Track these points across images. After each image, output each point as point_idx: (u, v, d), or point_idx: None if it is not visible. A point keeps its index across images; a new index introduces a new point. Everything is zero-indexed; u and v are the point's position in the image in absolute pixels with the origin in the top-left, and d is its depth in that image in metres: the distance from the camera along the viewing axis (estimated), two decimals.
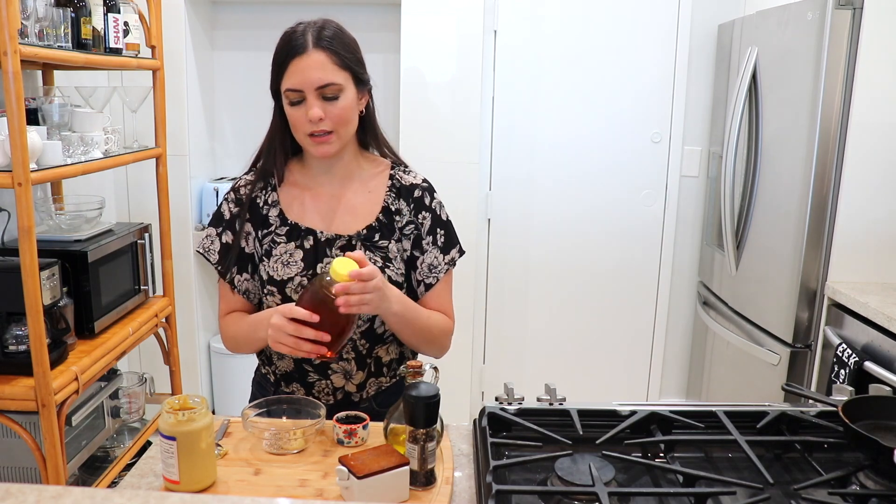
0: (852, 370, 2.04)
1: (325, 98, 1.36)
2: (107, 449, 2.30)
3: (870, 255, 2.31)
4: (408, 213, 1.48)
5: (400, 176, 1.50)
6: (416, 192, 1.49)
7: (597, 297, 3.32)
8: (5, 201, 2.08)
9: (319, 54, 1.35)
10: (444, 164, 3.00)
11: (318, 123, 1.36)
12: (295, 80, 1.36)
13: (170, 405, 1.12)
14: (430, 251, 1.48)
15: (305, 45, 1.35)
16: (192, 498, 0.84)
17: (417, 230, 1.48)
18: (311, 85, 1.35)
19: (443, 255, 1.49)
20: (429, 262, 1.48)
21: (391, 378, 1.51)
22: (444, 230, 1.50)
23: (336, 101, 1.37)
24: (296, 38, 1.36)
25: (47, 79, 2.35)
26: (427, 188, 1.51)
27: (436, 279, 1.49)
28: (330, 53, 1.36)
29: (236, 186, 1.51)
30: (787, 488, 1.07)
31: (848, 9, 2.20)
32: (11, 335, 1.83)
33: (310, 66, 1.35)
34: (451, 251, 1.50)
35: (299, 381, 1.48)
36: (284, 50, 1.37)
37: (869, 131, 2.24)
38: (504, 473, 1.12)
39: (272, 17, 3.20)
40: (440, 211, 1.51)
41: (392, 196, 1.48)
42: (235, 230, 1.47)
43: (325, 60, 1.35)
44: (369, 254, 1.43)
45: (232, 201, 1.50)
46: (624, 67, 3.12)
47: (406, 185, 1.49)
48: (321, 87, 1.35)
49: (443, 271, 1.49)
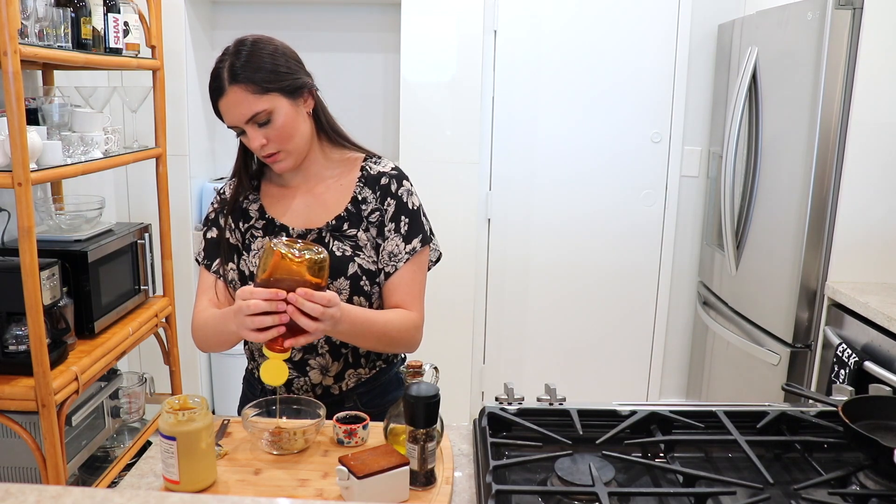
0: (852, 370, 2.04)
1: (259, 125, 1.39)
2: (107, 449, 2.30)
3: (870, 255, 2.31)
4: (374, 200, 1.47)
5: (370, 167, 1.51)
6: (382, 179, 1.49)
7: (597, 297, 3.32)
8: (5, 201, 2.08)
9: (236, 90, 1.37)
10: (444, 164, 3.00)
11: (263, 149, 1.41)
12: (227, 120, 1.42)
13: (170, 405, 1.13)
14: (391, 238, 1.46)
15: (222, 86, 1.39)
16: (192, 498, 0.84)
17: (382, 216, 1.47)
18: (239, 121, 1.39)
19: (405, 243, 1.46)
20: (389, 249, 1.46)
21: (370, 369, 1.50)
22: (408, 218, 1.47)
23: (270, 124, 1.40)
24: (214, 80, 1.40)
25: (47, 79, 2.35)
26: (395, 176, 1.49)
27: (394, 268, 1.45)
28: (246, 84, 1.37)
29: (222, 190, 1.57)
30: (787, 488, 1.07)
31: (848, 9, 2.20)
32: (11, 335, 1.83)
33: (231, 104, 1.39)
34: (414, 240, 1.46)
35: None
36: (210, 93, 1.42)
37: (869, 131, 2.24)
38: (504, 473, 1.12)
39: (272, 17, 3.20)
40: (407, 199, 1.48)
41: (360, 186, 1.49)
42: (220, 224, 1.51)
43: (244, 94, 1.37)
44: (338, 243, 1.44)
45: (217, 202, 1.55)
46: (624, 67, 3.12)
47: (373, 174, 1.49)
48: (249, 119, 1.39)
49: (402, 260, 1.45)
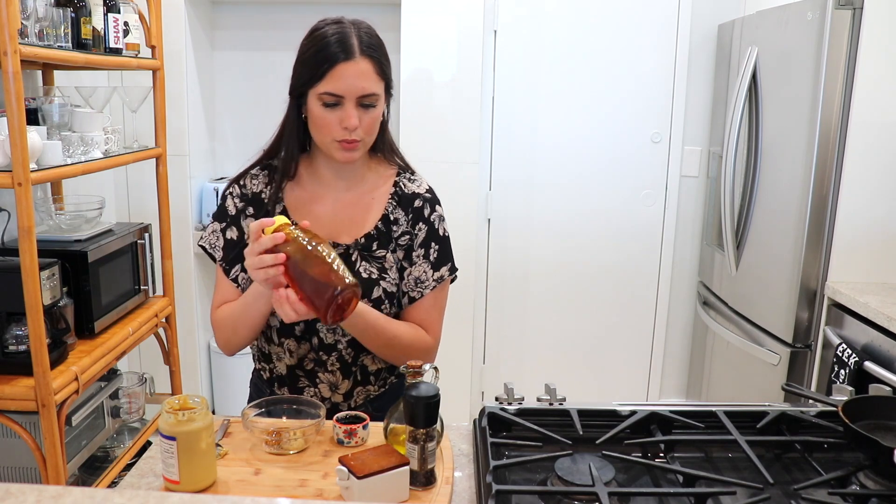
0: (852, 370, 2.04)
1: (361, 106, 1.32)
2: (107, 449, 2.30)
3: (870, 255, 2.31)
4: (405, 222, 1.44)
5: (404, 184, 1.46)
6: (416, 201, 1.45)
7: (597, 297, 3.32)
8: (5, 201, 2.08)
9: (366, 62, 1.30)
10: (444, 164, 3.00)
11: (352, 132, 1.33)
12: (338, 86, 1.30)
13: (170, 405, 1.12)
14: (419, 264, 1.44)
15: (352, 51, 1.29)
16: (192, 498, 0.84)
17: (411, 241, 1.44)
18: (353, 93, 1.30)
19: (433, 270, 1.44)
20: (416, 275, 1.43)
21: (380, 387, 1.49)
22: (438, 245, 1.45)
23: (372, 109, 1.33)
24: (340, 43, 1.29)
25: (47, 79, 2.35)
26: (429, 199, 1.46)
27: (420, 294, 1.43)
28: (375, 62, 1.31)
29: (241, 181, 1.46)
30: (787, 488, 1.07)
31: (848, 9, 2.20)
32: (11, 335, 1.83)
33: (356, 73, 1.30)
34: (442, 268, 1.45)
35: (290, 386, 1.47)
36: (327, 52, 1.30)
37: (869, 131, 2.24)
38: (504, 473, 1.12)
39: (272, 17, 3.20)
40: (438, 225, 1.46)
41: (393, 204, 1.44)
42: (241, 226, 1.44)
43: (371, 69, 1.31)
44: (365, 264, 1.40)
45: (237, 196, 1.46)
46: (624, 67, 3.12)
47: (408, 193, 1.45)
48: (362, 96, 1.31)
49: (429, 287, 1.43)
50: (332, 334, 1.42)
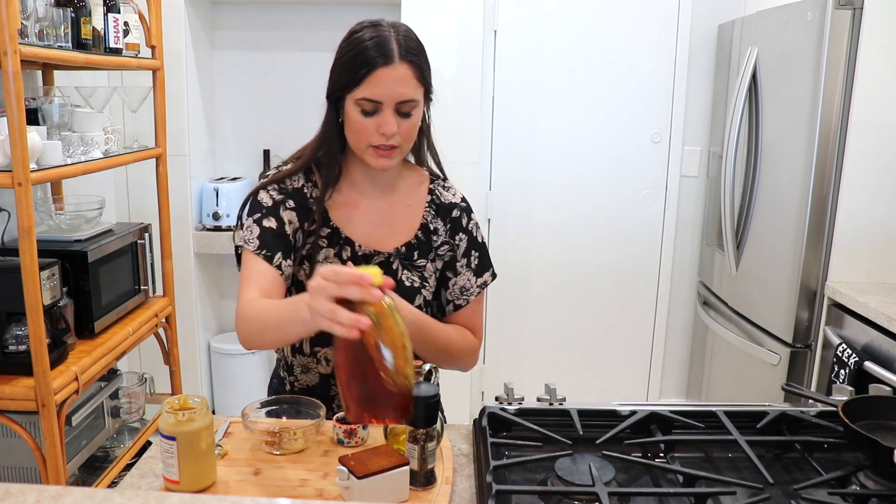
0: (852, 370, 2.04)
1: (399, 112, 1.29)
2: (107, 449, 2.30)
3: (870, 255, 2.31)
4: (444, 232, 1.45)
5: (440, 192, 1.47)
6: (454, 211, 1.46)
7: (597, 296, 3.32)
8: (5, 201, 2.08)
9: (406, 68, 1.27)
10: (445, 164, 2.98)
11: (389, 138, 1.29)
12: (377, 92, 1.26)
13: (170, 405, 1.12)
14: (463, 273, 1.46)
15: (392, 56, 1.26)
16: (192, 498, 0.84)
17: (453, 251, 1.45)
18: (392, 99, 1.27)
19: (476, 277, 1.47)
20: (461, 284, 1.46)
21: None
22: (478, 252, 1.48)
23: (410, 117, 1.31)
24: (379, 47, 1.26)
25: (47, 79, 2.35)
26: (465, 208, 1.48)
27: (466, 301, 1.46)
28: (415, 68, 1.28)
29: (278, 178, 1.38)
30: (787, 488, 1.07)
31: (848, 9, 2.20)
32: (11, 335, 1.83)
33: (396, 79, 1.26)
34: (485, 274, 1.48)
35: (322, 395, 1.42)
36: (366, 56, 1.26)
37: (869, 131, 2.24)
38: (504, 473, 1.12)
39: (272, 17, 3.20)
40: (476, 232, 1.49)
41: (431, 213, 1.45)
42: (280, 216, 1.34)
43: (410, 75, 1.27)
44: (406, 273, 1.40)
45: (274, 190, 1.37)
46: (624, 67, 3.12)
47: (445, 203, 1.46)
48: (401, 102, 1.28)
49: (474, 294, 1.46)
50: None
